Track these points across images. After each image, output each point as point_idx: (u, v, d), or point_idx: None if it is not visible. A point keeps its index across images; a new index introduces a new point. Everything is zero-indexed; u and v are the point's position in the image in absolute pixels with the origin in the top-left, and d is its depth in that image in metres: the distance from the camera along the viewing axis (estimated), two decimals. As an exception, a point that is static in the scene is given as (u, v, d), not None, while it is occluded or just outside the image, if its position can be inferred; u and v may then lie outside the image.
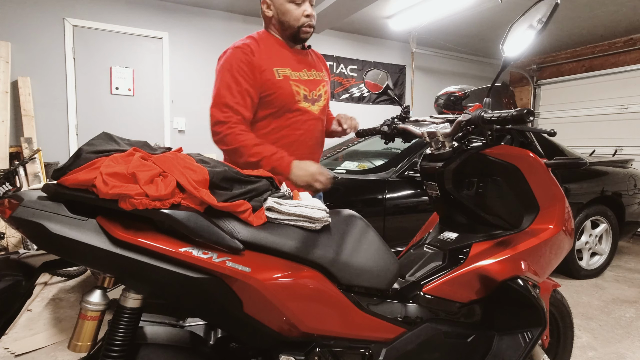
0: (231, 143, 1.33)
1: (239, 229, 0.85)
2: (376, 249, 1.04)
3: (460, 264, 1.13)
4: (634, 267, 3.61)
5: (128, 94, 4.27)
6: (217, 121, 1.34)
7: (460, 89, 1.44)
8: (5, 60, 3.61)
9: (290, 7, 1.39)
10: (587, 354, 2.07)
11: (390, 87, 1.51)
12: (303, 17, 1.40)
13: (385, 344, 1.02)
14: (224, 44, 4.67)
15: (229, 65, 1.35)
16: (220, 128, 1.34)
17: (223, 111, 1.33)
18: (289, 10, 1.39)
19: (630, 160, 3.78)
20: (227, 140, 1.33)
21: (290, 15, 1.40)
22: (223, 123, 1.33)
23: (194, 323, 1.08)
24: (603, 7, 4.36)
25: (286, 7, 1.39)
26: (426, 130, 1.23)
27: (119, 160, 0.78)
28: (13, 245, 3.17)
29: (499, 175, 1.20)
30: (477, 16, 4.67)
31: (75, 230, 0.73)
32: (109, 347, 0.80)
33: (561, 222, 1.22)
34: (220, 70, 1.37)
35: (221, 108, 1.34)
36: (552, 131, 1.11)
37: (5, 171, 3.27)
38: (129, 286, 0.83)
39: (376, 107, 5.73)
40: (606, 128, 5.63)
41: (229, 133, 1.32)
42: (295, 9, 1.39)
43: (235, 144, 1.32)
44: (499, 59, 6.50)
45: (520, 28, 1.09)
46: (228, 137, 1.33)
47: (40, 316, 2.39)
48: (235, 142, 1.32)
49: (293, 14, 1.39)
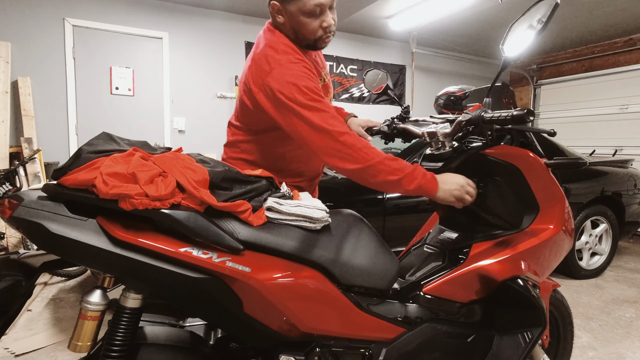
0: (364, 159, 1.04)
1: (239, 229, 0.85)
2: (376, 249, 1.04)
3: (460, 264, 1.13)
4: (634, 267, 3.61)
5: (128, 94, 4.27)
6: (342, 131, 1.04)
7: (460, 89, 1.44)
8: (5, 60, 3.61)
9: (306, 20, 1.16)
10: (587, 354, 2.07)
11: (390, 87, 1.51)
12: (320, 29, 1.19)
13: (385, 344, 1.02)
14: (224, 44, 4.69)
15: (301, 72, 1.11)
16: (350, 139, 1.04)
17: (338, 119, 1.06)
18: (304, 24, 1.16)
19: (630, 160, 3.78)
20: (358, 155, 1.04)
21: (305, 29, 1.18)
22: (349, 133, 1.05)
23: (194, 323, 1.09)
24: (603, 7, 4.36)
25: (301, 20, 1.16)
26: (426, 130, 1.23)
27: (119, 160, 0.78)
28: (13, 245, 3.17)
29: (499, 175, 1.20)
30: (477, 16, 4.67)
31: (75, 230, 0.73)
32: (109, 347, 0.80)
33: (561, 222, 1.22)
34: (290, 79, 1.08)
35: (334, 114, 1.07)
36: (552, 131, 1.11)
37: (5, 171, 3.27)
38: (129, 286, 0.83)
39: (376, 107, 5.73)
40: (606, 128, 5.63)
41: (353, 148, 1.04)
42: (311, 22, 1.16)
43: (369, 160, 1.04)
44: (499, 59, 6.50)
45: (520, 28, 1.09)
46: (360, 151, 1.04)
47: (40, 316, 2.39)
48: (368, 158, 1.04)
49: (309, 27, 1.17)
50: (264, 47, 1.17)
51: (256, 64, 1.16)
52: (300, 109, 1.06)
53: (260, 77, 1.12)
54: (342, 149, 1.05)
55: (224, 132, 4.73)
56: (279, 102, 1.08)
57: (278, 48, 1.15)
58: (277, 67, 1.10)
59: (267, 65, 1.12)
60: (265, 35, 1.22)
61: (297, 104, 1.06)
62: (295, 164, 1.31)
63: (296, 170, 1.32)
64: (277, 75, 1.09)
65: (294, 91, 1.06)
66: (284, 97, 1.07)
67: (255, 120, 1.22)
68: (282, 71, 1.09)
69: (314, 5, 1.12)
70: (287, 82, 1.07)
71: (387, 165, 1.05)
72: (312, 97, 1.07)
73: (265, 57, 1.13)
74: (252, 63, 1.18)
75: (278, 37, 1.19)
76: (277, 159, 1.28)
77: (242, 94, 1.23)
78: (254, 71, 1.16)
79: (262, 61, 1.13)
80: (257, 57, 1.17)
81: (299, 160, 1.30)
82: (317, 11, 1.14)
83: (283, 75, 1.08)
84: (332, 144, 1.05)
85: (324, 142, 1.06)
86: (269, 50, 1.15)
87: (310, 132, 1.06)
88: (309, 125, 1.06)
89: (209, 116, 4.69)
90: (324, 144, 1.06)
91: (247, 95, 1.20)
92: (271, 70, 1.10)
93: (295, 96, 1.06)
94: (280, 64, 1.11)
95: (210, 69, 4.66)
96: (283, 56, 1.12)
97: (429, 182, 1.07)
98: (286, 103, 1.07)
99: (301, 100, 1.06)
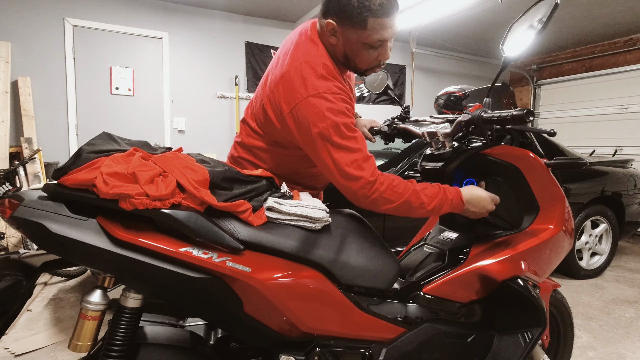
0: (397, 197, 1.02)
1: (239, 229, 0.85)
2: (376, 249, 1.04)
3: (460, 264, 1.13)
4: (634, 267, 3.61)
5: (128, 94, 4.27)
6: (367, 182, 1.01)
7: (460, 89, 1.44)
8: (5, 60, 3.61)
9: (364, 51, 1.07)
10: (587, 354, 2.07)
11: (390, 87, 1.51)
12: (375, 61, 1.11)
13: (385, 344, 1.02)
14: (224, 44, 4.69)
15: (340, 106, 1.04)
16: (372, 188, 1.01)
17: (364, 167, 1.02)
18: (361, 55, 1.08)
19: (630, 160, 3.78)
20: (389, 195, 1.02)
21: (360, 59, 1.10)
22: (372, 182, 1.01)
23: (194, 323, 1.09)
24: (603, 7, 4.36)
25: (359, 49, 1.07)
26: (426, 130, 1.23)
27: (119, 160, 0.78)
28: (13, 245, 3.17)
29: (499, 175, 1.20)
30: (477, 16, 4.67)
31: (75, 230, 0.73)
32: (109, 347, 0.80)
33: (561, 222, 1.22)
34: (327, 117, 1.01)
35: (365, 155, 1.03)
36: (552, 131, 1.11)
37: (5, 171, 3.27)
38: (129, 286, 0.83)
39: (376, 107, 5.73)
40: (606, 128, 5.63)
41: (385, 189, 1.02)
42: (369, 53, 1.08)
43: (403, 197, 1.03)
44: (499, 59, 6.50)
45: (520, 28, 1.09)
46: (387, 192, 1.02)
47: (40, 316, 2.39)
48: (401, 193, 1.03)
49: (365, 58, 1.09)
50: (303, 63, 1.05)
51: (291, 80, 1.04)
52: (332, 148, 1.00)
53: (293, 99, 1.03)
54: (371, 195, 1.01)
55: (224, 132, 4.73)
56: (310, 134, 1.01)
57: (317, 70, 1.04)
58: (314, 94, 1.01)
59: (304, 88, 1.01)
60: (307, 44, 1.09)
61: (331, 143, 1.00)
62: (310, 179, 1.27)
63: (309, 184, 1.29)
64: (315, 104, 1.00)
65: (330, 127, 0.99)
66: (317, 132, 1.00)
67: (276, 134, 1.13)
68: (320, 102, 1.00)
69: (377, 40, 1.04)
70: (323, 117, 0.99)
71: (419, 196, 1.04)
72: (346, 135, 1.01)
73: (303, 78, 1.03)
74: (286, 75, 1.06)
75: (321, 54, 1.08)
76: (293, 173, 1.22)
77: (267, 103, 1.11)
78: (287, 88, 1.04)
79: (298, 81, 1.02)
80: (293, 72, 1.04)
81: (313, 176, 1.26)
82: (378, 45, 1.06)
83: (320, 107, 1.00)
84: (359, 192, 1.01)
85: (347, 187, 1.02)
86: (308, 69, 1.04)
87: (337, 177, 1.02)
88: (337, 168, 1.01)
89: (209, 116, 4.69)
90: (347, 190, 1.03)
91: (272, 109, 1.10)
92: (307, 97, 1.01)
93: (331, 134, 0.99)
94: (318, 91, 1.01)
95: (210, 69, 4.65)
96: (322, 83, 1.02)
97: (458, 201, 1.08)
98: (317, 140, 1.01)
99: (336, 140, 1.00)
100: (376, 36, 1.03)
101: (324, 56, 1.08)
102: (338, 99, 1.03)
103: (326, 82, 1.03)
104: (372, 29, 1.02)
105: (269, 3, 4.39)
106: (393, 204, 1.02)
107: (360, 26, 1.02)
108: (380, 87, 1.53)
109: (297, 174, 1.24)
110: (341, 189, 1.04)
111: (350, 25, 1.03)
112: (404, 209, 1.04)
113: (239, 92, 4.76)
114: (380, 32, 1.03)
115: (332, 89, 1.03)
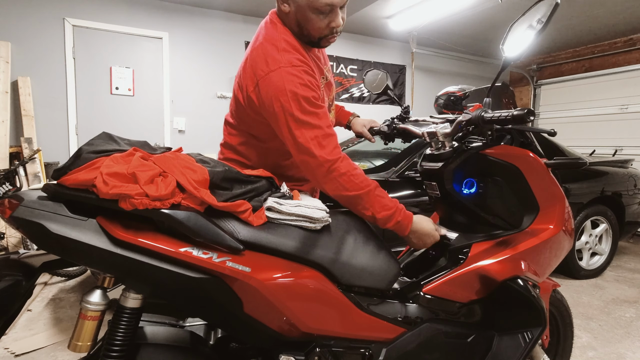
0: (352, 187, 1.02)
1: (239, 229, 0.85)
2: (376, 249, 1.04)
3: (460, 264, 1.13)
4: (634, 267, 3.61)
5: (128, 94, 4.27)
6: (326, 160, 1.00)
7: (460, 89, 1.43)
8: (5, 60, 3.61)
9: (314, 16, 1.06)
10: (587, 354, 2.07)
11: (390, 87, 1.51)
12: (327, 28, 1.10)
13: (385, 344, 1.02)
14: (224, 44, 4.69)
15: (302, 78, 1.03)
16: (330, 168, 1.01)
17: (324, 145, 1.01)
18: (311, 20, 1.07)
19: (630, 160, 3.78)
20: (345, 182, 1.01)
21: (311, 25, 1.08)
22: (332, 161, 1.01)
23: (194, 323, 1.09)
24: (603, 7, 4.36)
25: (308, 15, 1.06)
26: (426, 130, 1.23)
27: (119, 160, 0.78)
28: (13, 245, 3.17)
29: (499, 175, 1.20)
30: (477, 16, 4.67)
31: (75, 230, 0.73)
32: (109, 347, 0.80)
33: (561, 222, 1.22)
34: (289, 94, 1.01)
35: (327, 132, 1.02)
36: (552, 131, 1.11)
37: (5, 171, 3.27)
38: (129, 286, 0.83)
39: (376, 107, 5.73)
40: (606, 128, 5.63)
41: (343, 174, 1.01)
42: (319, 19, 1.07)
43: (358, 190, 1.02)
44: (499, 59, 6.50)
45: (520, 28, 1.09)
46: (343, 177, 1.01)
47: (40, 316, 2.39)
48: (357, 185, 1.02)
49: (316, 24, 1.08)
50: (263, 42, 1.07)
51: (253, 60, 1.06)
52: (293, 123, 1.00)
53: (256, 76, 1.04)
54: (327, 175, 1.01)
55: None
56: (273, 109, 1.02)
57: (279, 45, 1.05)
58: (276, 69, 1.01)
59: (265, 64, 1.03)
60: (267, 27, 1.11)
61: (291, 117, 1.00)
62: (296, 170, 1.25)
63: (297, 176, 1.28)
64: (276, 78, 1.01)
65: (290, 100, 0.99)
66: (279, 106, 1.00)
67: (250, 121, 1.14)
68: (281, 75, 1.01)
69: (325, 4, 1.03)
70: (284, 90, 1.00)
71: (380, 200, 1.04)
72: (308, 110, 1.01)
73: (264, 55, 1.04)
74: (249, 58, 1.09)
75: (280, 32, 1.09)
76: (276, 166, 1.22)
77: (237, 89, 1.14)
78: (250, 68, 1.06)
79: (260, 59, 1.04)
80: (255, 53, 1.07)
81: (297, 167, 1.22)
82: (327, 10, 1.05)
83: (281, 80, 1.00)
84: (317, 170, 1.02)
85: (306, 163, 1.02)
86: (268, 46, 1.05)
87: (297, 152, 1.02)
88: (296, 143, 1.01)
89: (209, 116, 4.69)
90: (307, 166, 1.03)
91: (242, 94, 1.11)
92: (269, 72, 1.02)
93: (292, 107, 1.00)
94: (279, 65, 1.02)
95: (210, 69, 4.65)
96: (284, 56, 1.03)
97: (407, 223, 1.09)
98: (279, 113, 1.01)
99: (297, 115, 1.00)
100: (323, 0, 1.03)
101: (284, 32, 1.10)
102: (300, 70, 1.03)
103: (287, 54, 1.04)
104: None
105: (269, 3, 4.39)
106: (347, 192, 1.02)
107: None
108: (379, 87, 1.53)
109: (280, 166, 1.23)
110: (300, 165, 1.05)
111: None
112: (354, 202, 1.04)
113: (239, 92, 4.76)
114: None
115: (292, 61, 1.03)
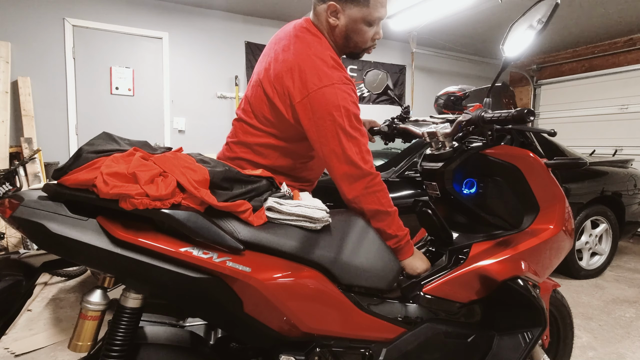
0: (386, 204, 1.11)
1: (240, 229, 0.85)
2: (376, 249, 1.04)
3: (460, 264, 1.13)
4: (634, 267, 3.61)
5: (128, 94, 4.27)
6: (369, 173, 1.09)
7: (460, 89, 1.43)
8: (5, 60, 3.61)
9: (365, 28, 1.17)
10: (587, 354, 2.07)
11: (390, 87, 1.51)
12: (371, 40, 1.21)
13: (385, 344, 1.02)
14: (224, 44, 4.69)
15: (352, 96, 1.12)
16: (372, 182, 1.09)
17: (367, 160, 1.10)
18: (361, 32, 1.17)
19: (630, 160, 3.78)
20: (382, 197, 1.10)
21: (360, 37, 1.19)
22: (374, 176, 1.10)
23: (194, 323, 1.09)
24: (603, 7, 4.36)
25: (360, 27, 1.16)
26: (426, 130, 1.24)
27: (119, 160, 0.78)
28: (13, 245, 3.17)
29: (499, 175, 1.20)
30: (477, 16, 4.67)
31: (75, 230, 0.73)
32: (109, 347, 0.80)
33: (561, 222, 1.22)
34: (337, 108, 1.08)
35: (367, 148, 1.11)
36: (552, 131, 1.11)
37: (5, 171, 3.27)
38: (129, 286, 0.83)
39: (376, 107, 5.73)
40: (606, 128, 5.63)
41: (382, 190, 1.10)
42: (368, 30, 1.18)
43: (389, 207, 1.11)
44: (499, 59, 6.50)
45: (520, 28, 1.09)
46: (381, 193, 1.10)
47: (40, 316, 2.39)
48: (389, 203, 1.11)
49: (365, 36, 1.18)
50: (311, 56, 1.11)
51: (301, 72, 1.09)
52: (344, 136, 1.06)
53: (306, 89, 1.08)
54: (367, 188, 1.09)
55: (224, 132, 4.73)
56: (323, 122, 1.07)
57: (327, 61, 1.11)
58: (329, 84, 1.07)
59: (318, 79, 1.07)
60: (308, 39, 1.15)
61: (343, 131, 1.06)
62: (307, 172, 1.30)
63: (306, 178, 1.31)
64: (330, 94, 1.07)
65: (344, 116, 1.06)
66: (331, 120, 1.06)
67: (283, 125, 1.16)
68: (335, 91, 1.07)
69: (377, 17, 1.16)
70: (338, 105, 1.06)
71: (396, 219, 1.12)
72: (356, 126, 1.08)
73: (315, 69, 1.08)
74: (294, 69, 1.10)
75: (325, 47, 1.15)
76: (292, 167, 1.24)
77: (273, 96, 1.14)
78: (299, 79, 1.09)
79: (311, 73, 1.08)
80: (302, 65, 1.10)
81: (310, 169, 1.30)
82: (376, 22, 1.18)
83: (335, 96, 1.07)
84: (358, 181, 1.08)
85: (349, 174, 1.08)
86: (318, 61, 1.10)
87: (340, 163, 1.08)
88: (344, 155, 1.07)
89: (209, 116, 4.69)
90: (349, 177, 1.08)
91: (281, 100, 1.13)
92: (322, 87, 1.07)
93: (344, 122, 1.06)
94: (332, 82, 1.08)
95: (210, 69, 4.65)
96: (335, 73, 1.09)
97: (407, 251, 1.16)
98: (330, 126, 1.06)
99: (348, 129, 1.06)
100: (376, 14, 1.16)
101: (329, 49, 1.16)
102: (349, 89, 1.11)
103: (337, 72, 1.11)
104: (374, 7, 1.14)
105: (269, 3, 4.39)
106: (382, 207, 1.09)
107: (363, 4, 1.13)
108: (380, 87, 1.53)
109: (294, 168, 1.25)
110: (340, 176, 1.09)
111: (354, 4, 1.14)
112: (382, 218, 1.11)
113: (239, 92, 4.76)
114: (379, 9, 1.16)
115: (342, 79, 1.11)
